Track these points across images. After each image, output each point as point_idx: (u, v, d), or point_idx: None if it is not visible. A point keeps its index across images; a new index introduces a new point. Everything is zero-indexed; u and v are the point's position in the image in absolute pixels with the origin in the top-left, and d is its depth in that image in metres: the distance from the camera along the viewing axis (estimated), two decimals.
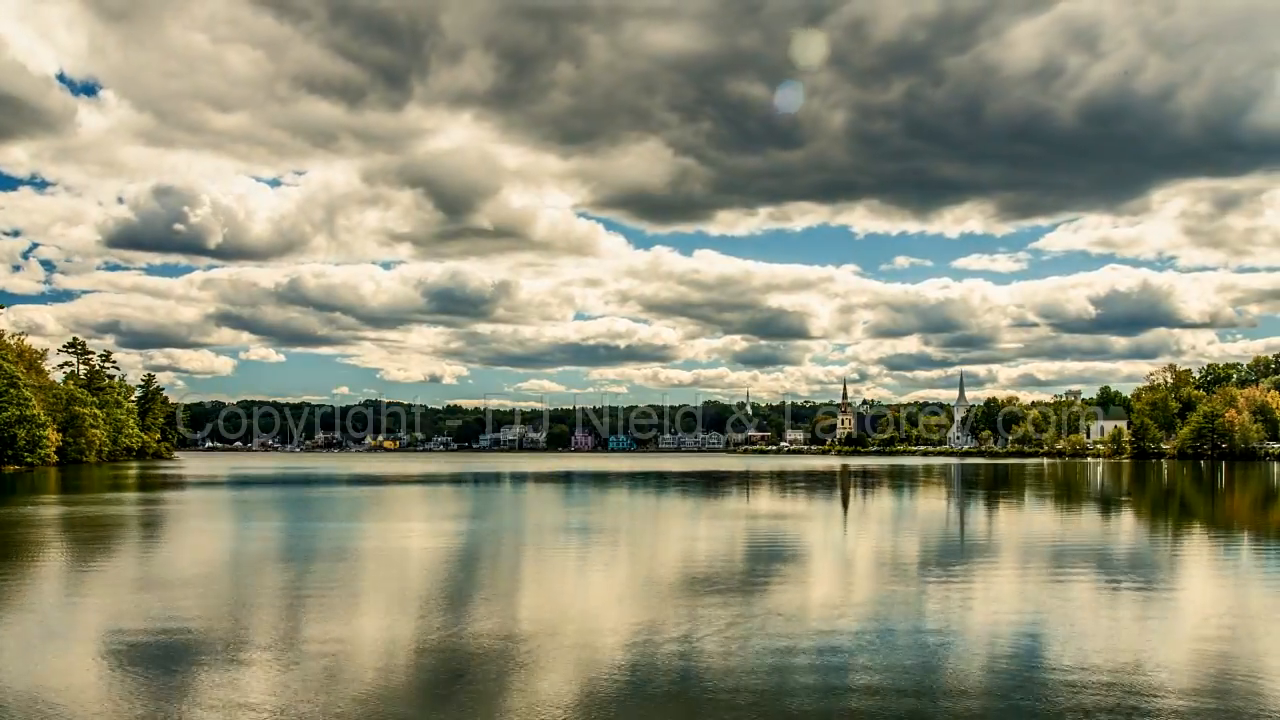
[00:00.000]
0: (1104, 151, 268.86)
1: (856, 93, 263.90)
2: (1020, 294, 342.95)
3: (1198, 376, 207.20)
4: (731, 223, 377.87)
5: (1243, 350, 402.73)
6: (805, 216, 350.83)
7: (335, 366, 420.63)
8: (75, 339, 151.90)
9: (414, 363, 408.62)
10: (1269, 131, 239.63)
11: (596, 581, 22.53)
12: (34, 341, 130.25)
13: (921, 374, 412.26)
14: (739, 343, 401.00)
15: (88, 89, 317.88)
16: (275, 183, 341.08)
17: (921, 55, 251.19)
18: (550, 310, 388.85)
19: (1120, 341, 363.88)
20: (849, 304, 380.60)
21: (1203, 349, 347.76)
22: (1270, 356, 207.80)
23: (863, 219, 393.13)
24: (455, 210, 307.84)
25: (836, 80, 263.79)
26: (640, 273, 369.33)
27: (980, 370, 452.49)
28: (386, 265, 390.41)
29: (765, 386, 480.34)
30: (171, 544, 31.43)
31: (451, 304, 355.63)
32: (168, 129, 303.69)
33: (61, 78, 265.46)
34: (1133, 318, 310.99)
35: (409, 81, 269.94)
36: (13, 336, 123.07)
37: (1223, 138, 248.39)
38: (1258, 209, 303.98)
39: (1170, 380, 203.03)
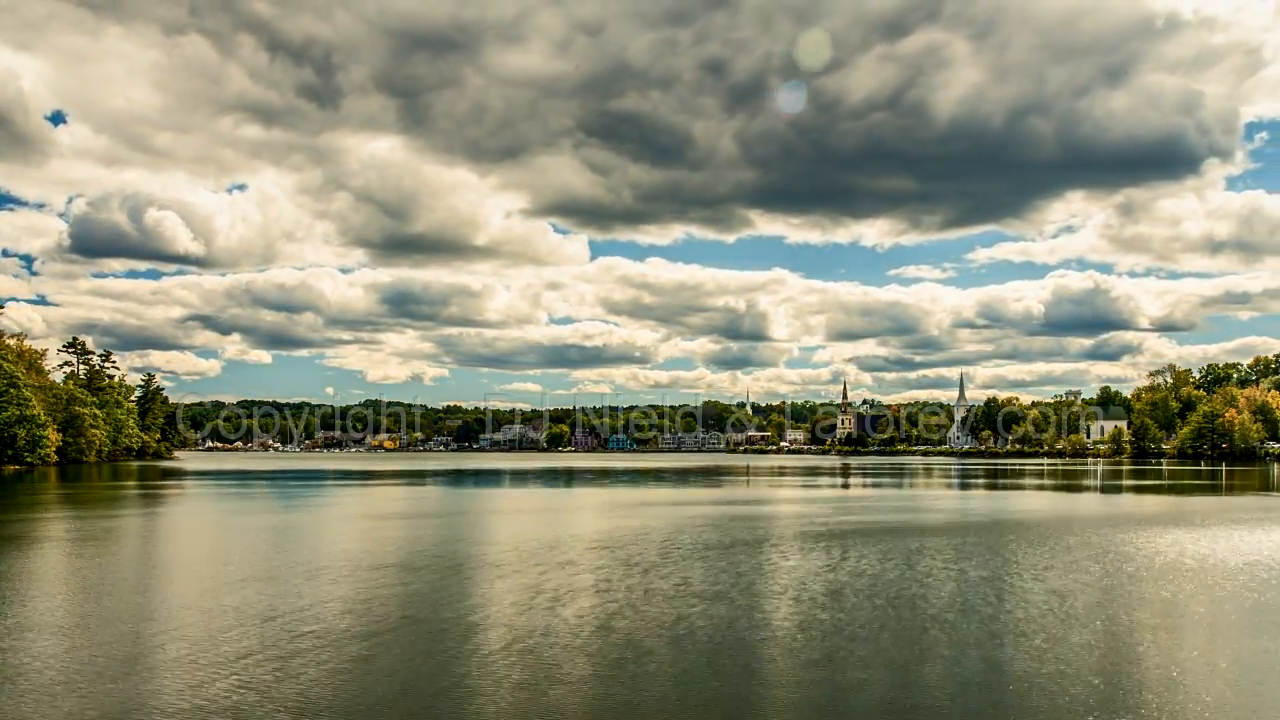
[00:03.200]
0: (988, 169, 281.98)
1: (738, 121, 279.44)
2: (973, 299, 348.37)
3: (1197, 376, 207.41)
4: (661, 233, 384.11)
5: (1204, 353, 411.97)
6: (734, 228, 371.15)
7: (319, 368, 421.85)
8: (75, 339, 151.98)
9: (394, 365, 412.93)
10: (1127, 145, 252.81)
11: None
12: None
13: (894, 375, 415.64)
14: (709, 345, 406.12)
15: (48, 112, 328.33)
16: (232, 189, 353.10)
17: (774, 87, 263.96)
18: (523, 313, 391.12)
19: (1080, 344, 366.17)
20: (807, 307, 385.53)
21: (1160, 350, 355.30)
22: (1270, 356, 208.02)
23: (790, 230, 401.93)
24: (405, 219, 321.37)
25: (714, 105, 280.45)
26: (601, 278, 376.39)
27: (953, 373, 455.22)
28: (345, 270, 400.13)
29: (747, 387, 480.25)
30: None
31: (422, 308, 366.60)
32: (124, 149, 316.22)
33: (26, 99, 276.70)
34: (1088, 321, 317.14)
35: (338, 105, 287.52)
36: (12, 337, 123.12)
37: (1089, 154, 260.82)
38: (1158, 218, 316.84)
39: (1170, 380, 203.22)
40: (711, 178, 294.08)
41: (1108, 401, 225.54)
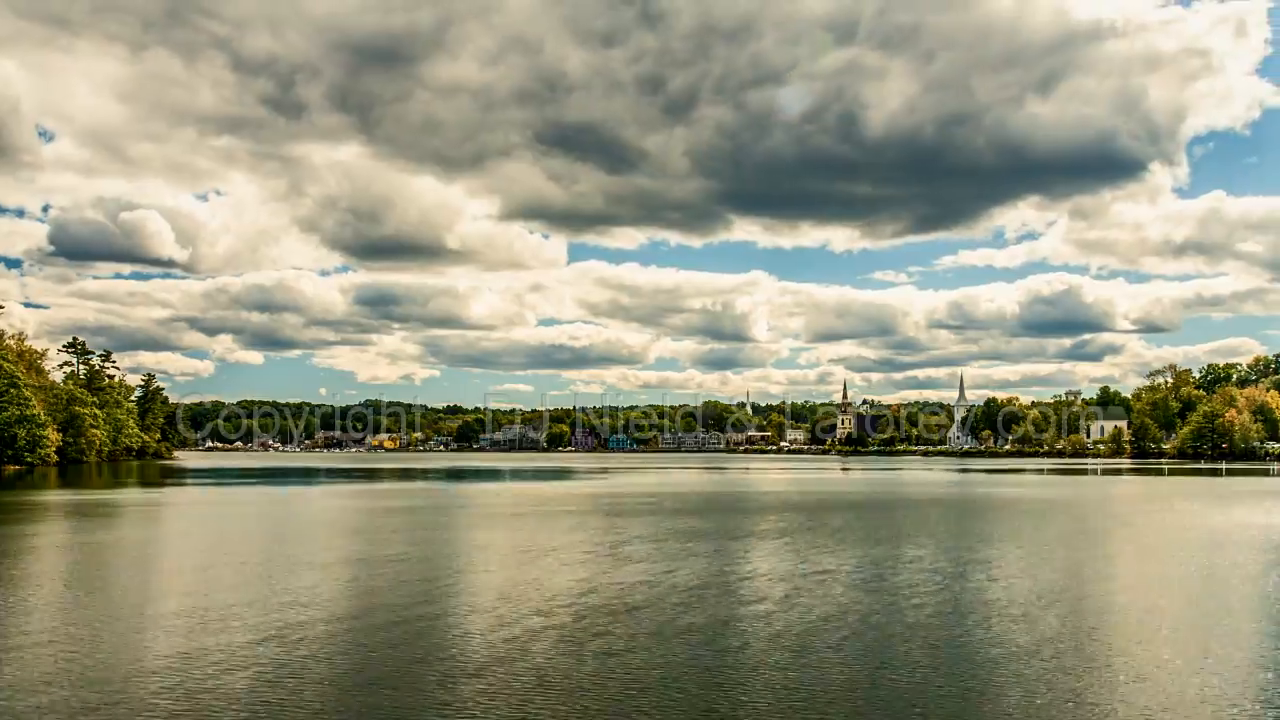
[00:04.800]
0: (933, 178, 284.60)
1: (680, 132, 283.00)
2: (948, 302, 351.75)
3: (1197, 376, 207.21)
4: (631, 237, 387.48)
5: (1185, 354, 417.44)
6: (703, 233, 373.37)
7: (311, 369, 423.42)
8: (75, 339, 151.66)
9: (384, 366, 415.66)
10: (1058, 153, 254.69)
11: None
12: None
13: (880, 375, 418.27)
14: (696, 347, 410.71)
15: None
16: (209, 195, 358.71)
17: (712, 101, 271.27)
18: (509, 315, 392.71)
19: (1059, 344, 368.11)
20: (784, 309, 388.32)
21: (1139, 352, 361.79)
22: (1270, 356, 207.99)
23: (756, 235, 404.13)
24: (379, 224, 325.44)
25: (660, 116, 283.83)
26: (579, 281, 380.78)
27: (939, 373, 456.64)
28: (324, 274, 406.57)
29: (740, 388, 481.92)
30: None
31: (403, 310, 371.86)
32: (102, 158, 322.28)
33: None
34: (1064, 323, 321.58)
35: (302, 116, 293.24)
36: (12, 337, 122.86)
37: (1031, 161, 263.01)
38: (1115, 223, 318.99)
39: (1170, 380, 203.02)
40: (669, 185, 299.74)
41: (1107, 401, 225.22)
